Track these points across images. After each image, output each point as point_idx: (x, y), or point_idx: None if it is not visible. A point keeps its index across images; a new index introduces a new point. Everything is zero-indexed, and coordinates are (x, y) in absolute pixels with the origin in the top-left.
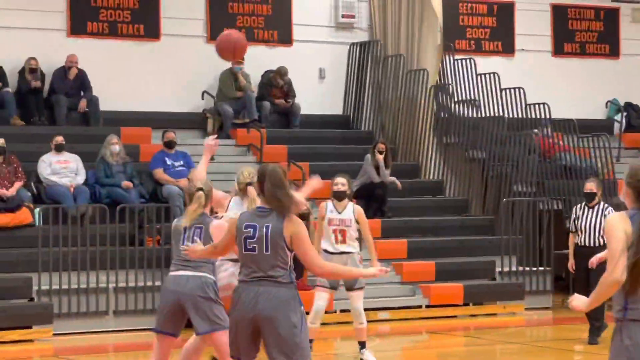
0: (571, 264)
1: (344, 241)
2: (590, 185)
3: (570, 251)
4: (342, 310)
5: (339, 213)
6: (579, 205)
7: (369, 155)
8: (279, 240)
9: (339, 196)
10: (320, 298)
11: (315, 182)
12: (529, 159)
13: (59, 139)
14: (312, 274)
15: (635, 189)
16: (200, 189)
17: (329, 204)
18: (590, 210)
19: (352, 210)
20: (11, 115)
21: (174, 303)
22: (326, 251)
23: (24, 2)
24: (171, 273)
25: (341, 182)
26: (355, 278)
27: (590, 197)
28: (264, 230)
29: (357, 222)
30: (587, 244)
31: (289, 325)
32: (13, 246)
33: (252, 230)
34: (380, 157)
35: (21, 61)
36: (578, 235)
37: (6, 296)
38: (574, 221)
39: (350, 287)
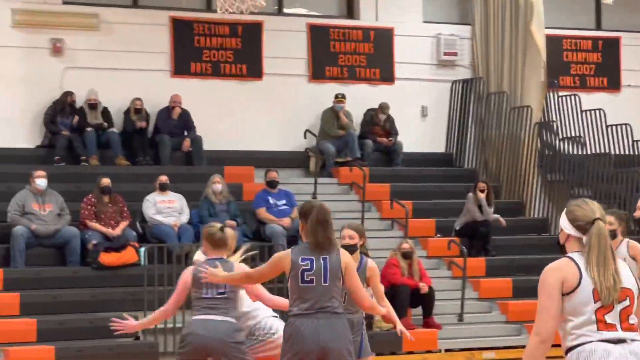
0: None
1: None
2: None
3: None
4: (447, 350)
5: None
6: None
7: (471, 194)
8: (337, 272)
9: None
10: None
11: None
12: (636, 196)
13: (163, 178)
14: (359, 306)
15: None
16: (222, 227)
17: None
18: None
19: (625, 247)
20: (117, 155)
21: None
22: None
23: (129, 44)
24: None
25: (608, 222)
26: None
27: None
28: (322, 262)
29: (634, 258)
30: None
31: (349, 355)
32: (119, 285)
33: (309, 263)
34: (482, 196)
35: (126, 102)
36: None
37: (112, 335)
38: None
39: None
